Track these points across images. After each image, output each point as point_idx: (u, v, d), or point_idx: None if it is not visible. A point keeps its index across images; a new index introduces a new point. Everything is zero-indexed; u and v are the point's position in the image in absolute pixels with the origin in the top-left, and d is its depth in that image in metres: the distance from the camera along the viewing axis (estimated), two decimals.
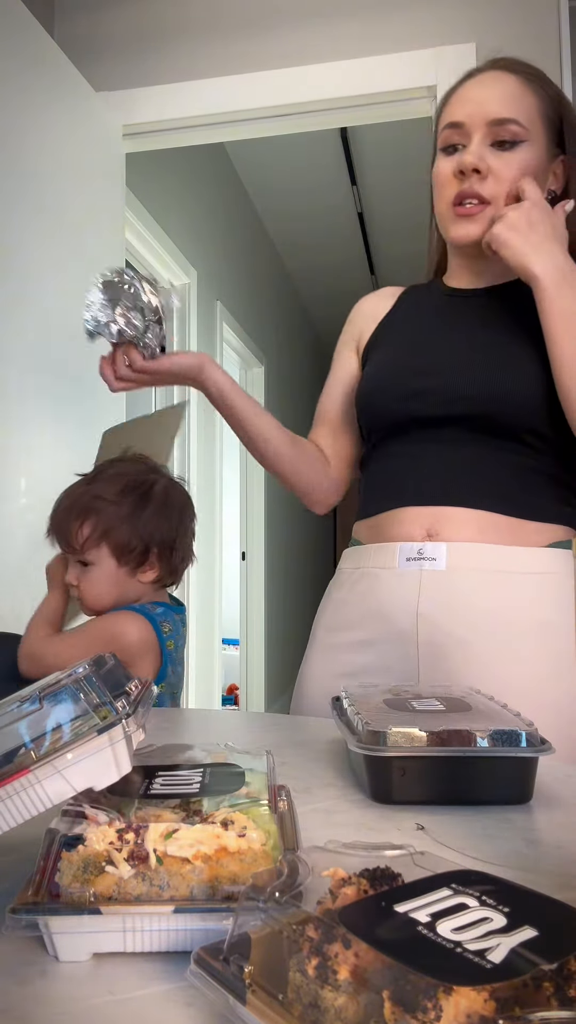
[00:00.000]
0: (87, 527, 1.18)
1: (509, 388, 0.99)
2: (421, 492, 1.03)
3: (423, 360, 1.07)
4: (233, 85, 2.39)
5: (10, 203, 1.93)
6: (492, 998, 0.28)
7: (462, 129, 1.04)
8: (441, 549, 1.00)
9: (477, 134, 1.03)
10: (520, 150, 1.03)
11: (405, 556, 1.02)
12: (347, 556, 1.15)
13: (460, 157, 1.03)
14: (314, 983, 0.31)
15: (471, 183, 1.02)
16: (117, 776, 0.46)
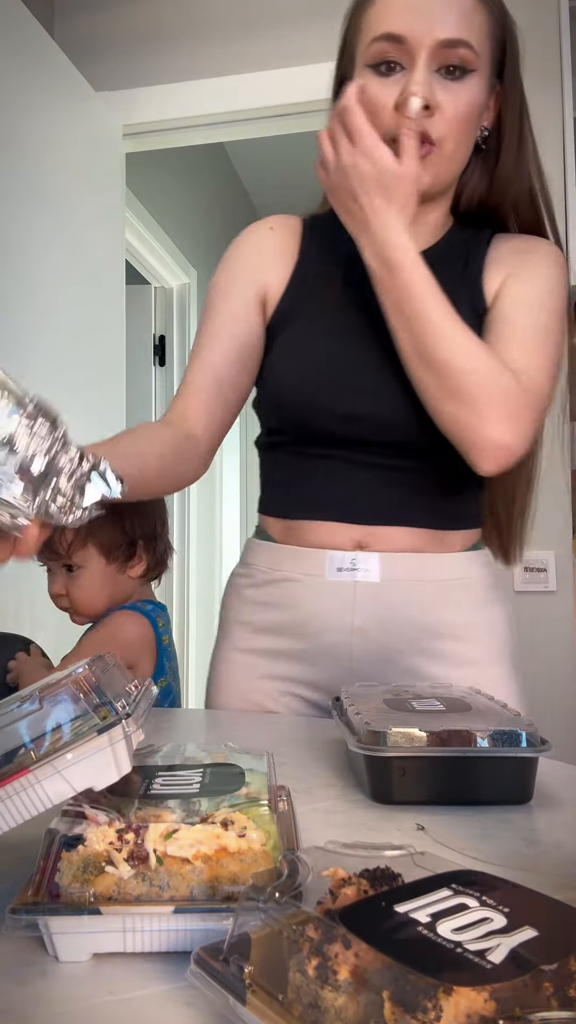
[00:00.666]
0: (69, 531, 1.13)
1: (425, 419, 0.91)
2: (347, 511, 0.96)
3: (359, 377, 0.94)
4: (233, 85, 2.39)
5: (10, 203, 1.93)
6: (492, 998, 0.28)
7: (403, 46, 0.86)
8: (374, 560, 0.95)
9: (422, 56, 0.85)
10: (470, 81, 0.88)
11: (336, 566, 0.96)
12: (258, 551, 1.04)
13: (405, 86, 0.86)
14: (314, 983, 0.31)
15: (418, 120, 0.87)
16: (117, 776, 0.46)
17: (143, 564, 1.24)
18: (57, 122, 2.14)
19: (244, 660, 1.03)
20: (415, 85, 0.85)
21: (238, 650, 1.03)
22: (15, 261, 1.93)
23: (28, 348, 1.95)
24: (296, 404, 0.97)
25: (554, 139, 2.20)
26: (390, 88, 0.87)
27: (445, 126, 0.87)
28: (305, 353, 0.98)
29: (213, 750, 0.61)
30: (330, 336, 0.97)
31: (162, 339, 3.37)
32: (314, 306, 0.99)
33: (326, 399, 0.95)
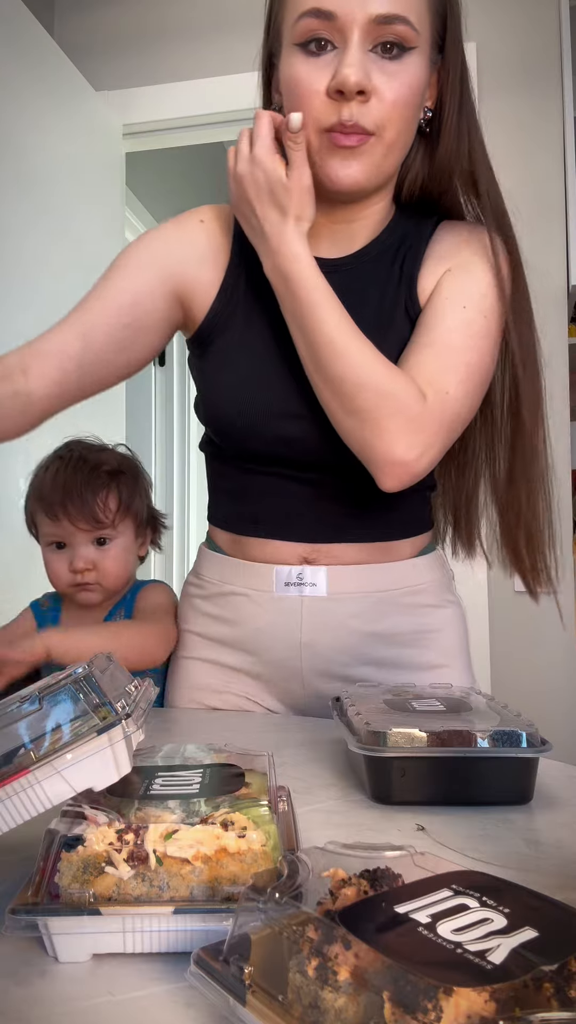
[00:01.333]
0: (112, 499, 1.13)
1: None
2: (293, 531, 0.94)
3: (291, 401, 0.89)
4: (233, 84, 2.38)
5: (10, 203, 1.93)
6: (492, 999, 0.28)
7: (333, 22, 0.77)
8: (321, 574, 0.93)
9: (355, 34, 0.77)
10: (408, 60, 0.79)
11: (283, 580, 0.94)
12: (209, 562, 1.02)
13: (337, 68, 0.78)
14: (314, 984, 0.31)
15: (351, 109, 0.78)
16: (117, 777, 0.45)
17: (147, 546, 1.23)
18: (57, 122, 2.14)
19: (198, 668, 1.03)
20: (347, 67, 0.77)
21: (192, 659, 1.04)
22: (14, 260, 1.93)
23: None
24: (231, 425, 0.93)
25: (554, 139, 2.20)
26: (321, 70, 0.79)
27: (384, 112, 0.79)
28: (239, 371, 0.92)
29: (213, 750, 0.61)
30: (263, 354, 0.91)
31: None
32: (248, 317, 0.93)
33: (260, 422, 0.90)
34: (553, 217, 2.17)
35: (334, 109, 0.79)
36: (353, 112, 0.78)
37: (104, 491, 1.13)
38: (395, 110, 0.80)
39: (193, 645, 1.04)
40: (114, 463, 1.17)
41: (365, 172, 0.83)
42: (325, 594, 0.94)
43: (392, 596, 0.96)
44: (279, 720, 0.98)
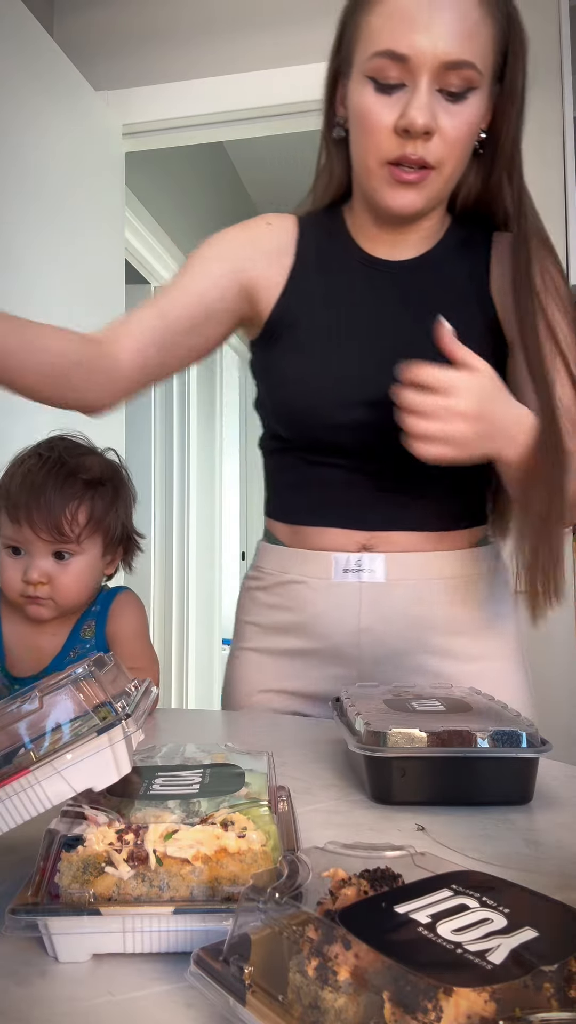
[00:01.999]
0: (83, 512, 1.04)
1: None
2: (353, 519, 0.97)
3: (366, 388, 0.91)
4: (233, 84, 2.38)
5: (9, 202, 1.93)
6: (492, 999, 0.28)
7: (405, 64, 0.83)
8: (379, 561, 0.95)
9: (424, 78, 0.82)
10: (470, 101, 0.85)
11: (341, 567, 0.96)
12: (268, 554, 1.05)
13: (406, 110, 0.83)
14: (314, 984, 0.31)
15: (415, 146, 0.84)
16: (117, 777, 0.46)
17: (116, 564, 1.14)
18: (56, 121, 2.14)
19: (254, 659, 1.04)
20: (415, 110, 0.82)
21: (249, 649, 1.05)
22: (14, 260, 1.93)
23: None
24: (299, 414, 0.96)
25: (554, 139, 2.21)
26: (389, 107, 0.85)
27: (446, 149, 0.85)
28: (308, 364, 0.96)
29: (213, 750, 0.61)
30: (331, 348, 0.95)
31: None
32: (315, 313, 0.97)
33: (328, 411, 0.94)
34: (553, 217, 2.17)
35: (399, 144, 0.85)
36: (418, 148, 0.85)
37: (75, 502, 1.04)
38: (455, 147, 0.86)
39: (251, 635, 1.05)
40: (95, 471, 1.08)
41: (421, 201, 0.89)
42: (383, 580, 0.96)
43: (449, 584, 0.97)
44: (279, 720, 0.98)
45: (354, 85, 0.88)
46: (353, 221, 1.00)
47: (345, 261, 0.98)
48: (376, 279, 0.97)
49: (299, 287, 0.98)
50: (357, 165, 0.93)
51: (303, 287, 0.98)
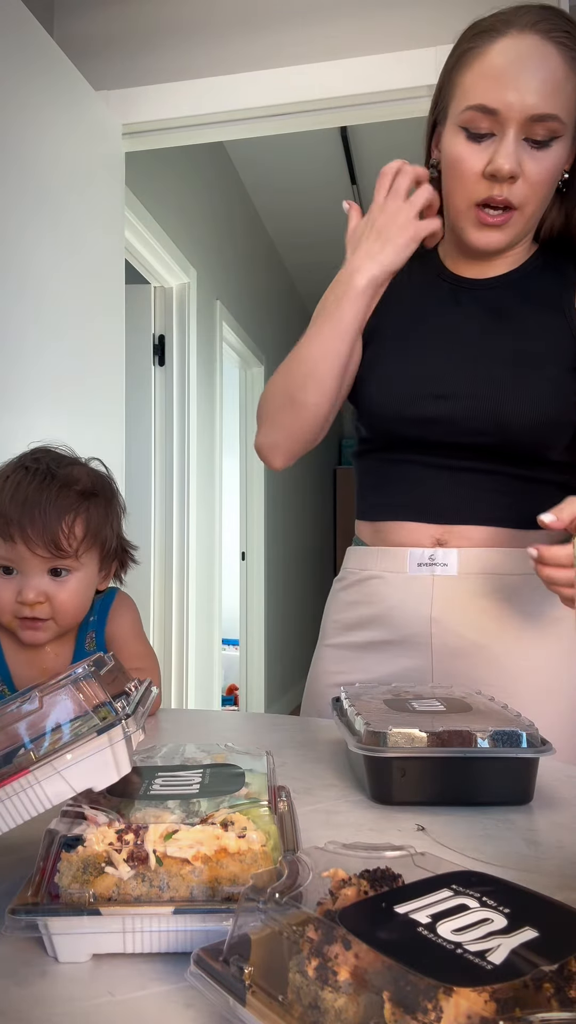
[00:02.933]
0: (80, 525, 1.00)
1: (524, 421, 0.98)
2: (428, 512, 1.03)
3: (439, 384, 1.00)
4: (233, 84, 2.38)
5: (9, 202, 1.93)
6: (492, 999, 0.28)
7: (495, 117, 0.91)
8: (452, 555, 1.01)
9: (512, 129, 0.91)
10: (554, 148, 0.93)
11: (416, 561, 1.02)
12: (351, 555, 1.13)
13: (493, 157, 0.92)
14: (314, 984, 0.31)
15: (502, 189, 0.93)
16: (117, 777, 0.45)
17: (110, 578, 1.10)
18: (56, 121, 2.14)
19: (334, 653, 1.10)
20: (502, 158, 0.91)
21: (330, 645, 1.11)
22: (14, 260, 1.93)
23: (27, 347, 1.95)
24: (377, 409, 1.04)
25: None
26: (480, 154, 0.93)
27: (529, 192, 0.93)
28: (387, 362, 1.05)
29: (213, 750, 0.61)
30: (411, 346, 1.04)
31: (162, 339, 3.36)
32: (399, 322, 1.06)
33: (402, 405, 1.01)
34: None
35: (486, 187, 0.94)
36: (503, 191, 0.93)
37: (71, 515, 0.99)
38: (538, 189, 0.94)
39: (332, 632, 1.11)
40: (87, 482, 1.04)
41: (505, 239, 0.98)
42: (455, 574, 1.01)
43: (519, 580, 1.01)
44: (279, 720, 0.98)
45: (448, 134, 0.97)
46: (443, 249, 1.09)
47: (434, 280, 1.08)
48: (461, 295, 1.05)
49: (392, 298, 1.05)
50: (448, 204, 1.01)
51: (395, 298, 1.05)
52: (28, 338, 1.96)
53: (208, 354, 3.65)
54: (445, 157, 0.98)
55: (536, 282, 1.04)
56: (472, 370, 0.99)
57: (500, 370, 0.99)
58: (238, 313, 4.22)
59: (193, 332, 3.44)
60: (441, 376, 1.00)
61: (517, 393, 0.97)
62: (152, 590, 3.29)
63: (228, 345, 4.20)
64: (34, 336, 1.98)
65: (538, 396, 0.98)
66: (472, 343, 1.01)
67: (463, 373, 1.00)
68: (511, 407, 0.97)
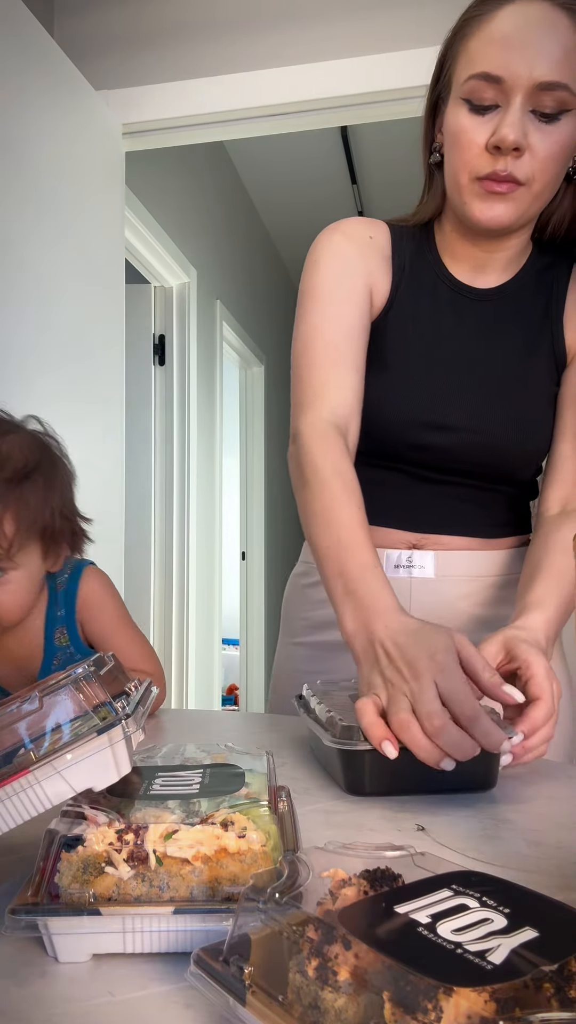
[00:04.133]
0: (8, 523, 0.86)
1: (519, 455, 0.99)
2: (405, 519, 1.02)
3: (437, 414, 0.97)
4: (233, 84, 2.38)
5: (9, 202, 1.93)
6: (492, 999, 0.28)
7: (499, 86, 0.85)
8: (428, 557, 1.01)
9: (518, 97, 0.84)
10: (563, 122, 0.86)
11: (393, 563, 1.01)
12: None
13: (497, 127, 0.86)
14: (314, 984, 0.31)
15: (506, 162, 0.86)
16: (117, 777, 0.45)
17: (62, 559, 0.97)
18: (57, 121, 2.14)
19: (305, 653, 1.08)
20: (506, 127, 0.85)
21: (300, 644, 1.09)
22: (14, 260, 1.93)
23: (28, 347, 1.95)
24: (376, 432, 0.99)
25: None
26: (483, 126, 0.87)
27: (537, 166, 0.87)
28: (390, 384, 0.98)
29: (213, 750, 0.61)
30: (413, 365, 0.99)
31: (162, 338, 3.37)
32: (404, 335, 1.00)
33: (402, 429, 0.98)
34: None
35: (490, 161, 0.87)
36: (508, 164, 0.86)
37: (3, 503, 0.85)
38: (546, 165, 0.87)
39: (301, 630, 1.09)
40: (19, 460, 0.88)
41: (510, 215, 0.91)
42: (432, 576, 1.00)
43: (495, 581, 1.02)
44: (279, 720, 0.98)
45: (451, 108, 0.91)
46: (442, 239, 1.02)
47: (432, 282, 1.02)
48: (461, 305, 1.01)
49: (393, 303, 1.01)
50: (450, 182, 0.94)
51: (396, 305, 1.01)
52: (28, 338, 1.96)
53: (208, 354, 3.65)
54: (447, 132, 0.92)
55: (530, 297, 1.01)
56: (471, 401, 0.97)
57: (498, 403, 0.97)
58: (238, 313, 4.21)
59: (193, 332, 3.44)
60: (440, 406, 0.97)
61: (515, 431, 0.97)
62: (152, 590, 3.30)
63: (228, 345, 4.20)
64: (34, 336, 1.98)
65: (532, 432, 0.98)
66: (470, 369, 0.98)
67: (462, 404, 0.97)
68: (508, 444, 0.97)
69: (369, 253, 1.01)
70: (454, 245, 1.01)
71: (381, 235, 1.03)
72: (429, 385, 0.98)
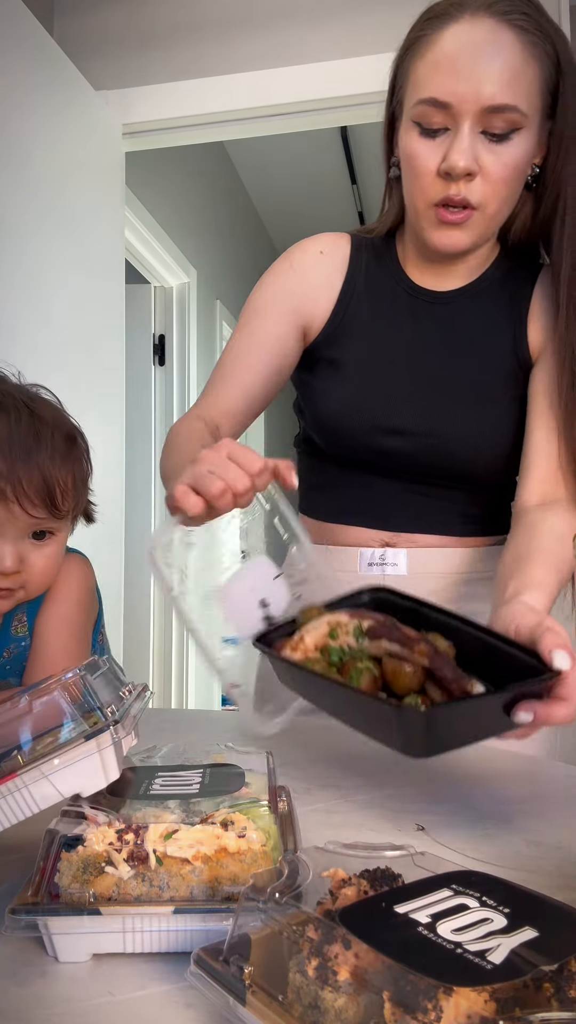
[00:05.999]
0: (70, 478, 0.84)
1: (480, 459, 0.97)
2: (378, 519, 1.02)
3: (396, 418, 0.96)
4: (233, 84, 2.38)
5: (10, 202, 1.93)
6: (492, 999, 0.28)
7: (448, 111, 0.84)
8: (401, 555, 1.01)
9: (467, 122, 0.84)
10: (514, 141, 0.86)
11: (367, 561, 1.01)
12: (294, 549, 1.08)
13: (448, 152, 0.85)
14: (314, 984, 0.31)
15: (459, 187, 0.86)
16: (105, 782, 0.45)
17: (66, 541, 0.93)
18: (56, 121, 2.14)
19: None
20: (456, 153, 0.84)
21: None
22: (14, 260, 1.93)
23: (28, 347, 1.95)
24: (336, 435, 1.00)
25: None
26: (433, 151, 0.86)
27: (489, 190, 0.86)
28: (349, 389, 0.99)
29: (213, 750, 0.61)
30: (373, 374, 0.99)
31: (162, 339, 3.36)
32: (358, 339, 1.00)
33: (366, 435, 0.98)
34: None
35: (443, 186, 0.87)
36: (461, 189, 0.86)
37: (67, 465, 0.84)
38: (498, 187, 0.87)
39: None
40: (68, 423, 0.88)
41: (466, 241, 0.91)
42: (405, 573, 1.00)
43: (468, 578, 1.02)
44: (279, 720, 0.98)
45: (403, 130, 0.91)
46: (403, 249, 1.03)
47: (391, 288, 1.02)
48: (418, 308, 1.00)
49: (347, 310, 1.01)
50: (407, 202, 0.95)
51: (349, 312, 1.01)
52: (28, 338, 1.96)
53: (208, 354, 3.64)
54: (402, 154, 0.92)
55: (492, 300, 1.00)
56: (428, 405, 0.96)
57: (456, 408, 0.96)
58: (238, 313, 4.21)
59: (193, 332, 3.43)
60: (398, 411, 0.97)
61: (473, 434, 0.96)
62: (152, 591, 3.30)
63: None
64: (34, 336, 1.98)
65: (493, 436, 0.96)
66: (430, 373, 0.98)
67: (420, 407, 0.97)
68: (468, 448, 0.96)
69: (313, 274, 1.02)
70: (415, 258, 1.01)
71: (337, 249, 1.04)
72: (384, 390, 0.98)
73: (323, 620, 0.68)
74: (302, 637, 0.67)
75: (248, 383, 0.99)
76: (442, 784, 0.70)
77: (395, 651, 0.64)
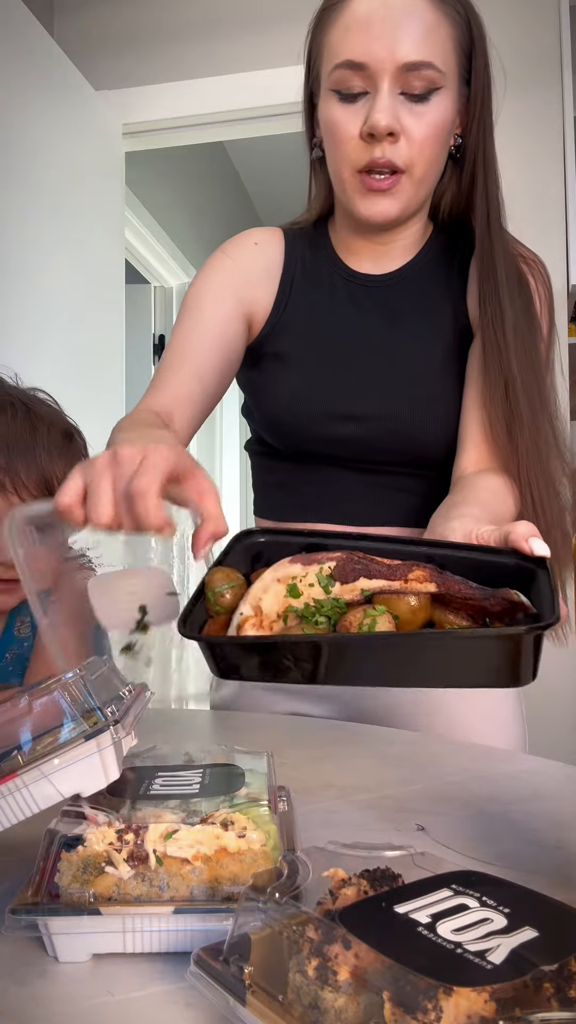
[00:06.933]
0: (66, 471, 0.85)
1: (434, 440, 0.95)
2: (340, 514, 1.00)
3: (347, 404, 0.95)
4: (233, 84, 2.38)
5: (10, 202, 1.93)
6: (492, 999, 0.28)
7: (364, 72, 0.84)
8: None
9: (385, 81, 0.83)
10: (435, 100, 0.85)
11: None
12: None
13: (368, 114, 0.84)
14: (314, 984, 0.31)
15: (383, 149, 0.84)
16: (105, 783, 0.45)
17: None
18: (56, 121, 2.14)
19: None
20: (377, 113, 0.83)
21: None
22: (15, 260, 1.93)
23: (28, 346, 1.95)
24: (287, 428, 0.98)
25: (554, 139, 2.20)
26: (354, 116, 0.85)
27: (414, 151, 0.85)
28: (295, 378, 0.97)
29: (213, 750, 0.61)
30: (318, 362, 0.97)
31: (161, 338, 3.37)
32: (300, 331, 0.98)
33: (315, 427, 0.96)
34: (553, 217, 2.17)
35: (366, 150, 0.85)
36: (385, 151, 0.85)
37: (63, 459, 0.85)
38: (423, 148, 0.86)
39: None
40: (64, 421, 0.89)
41: (395, 208, 0.89)
42: None
43: None
44: (279, 720, 0.98)
45: (322, 101, 0.89)
46: (336, 236, 1.01)
47: (328, 277, 1.00)
48: (358, 293, 0.99)
49: (287, 305, 1.00)
50: (333, 177, 0.93)
51: (290, 305, 1.00)
52: (28, 338, 1.96)
53: None
54: (323, 126, 0.90)
55: (430, 278, 0.98)
56: (378, 388, 0.95)
57: (405, 388, 0.95)
58: None
59: None
60: (348, 396, 0.95)
61: (425, 414, 0.94)
62: None
63: None
64: (34, 336, 1.98)
65: (440, 411, 0.94)
66: (375, 355, 0.96)
67: (370, 391, 0.95)
68: (421, 429, 0.94)
69: (251, 264, 1.00)
70: (348, 240, 0.99)
71: (271, 242, 1.02)
72: (331, 377, 0.96)
73: (268, 580, 0.57)
74: (258, 608, 0.56)
75: (198, 364, 0.95)
76: (442, 784, 0.70)
77: (385, 587, 0.54)
